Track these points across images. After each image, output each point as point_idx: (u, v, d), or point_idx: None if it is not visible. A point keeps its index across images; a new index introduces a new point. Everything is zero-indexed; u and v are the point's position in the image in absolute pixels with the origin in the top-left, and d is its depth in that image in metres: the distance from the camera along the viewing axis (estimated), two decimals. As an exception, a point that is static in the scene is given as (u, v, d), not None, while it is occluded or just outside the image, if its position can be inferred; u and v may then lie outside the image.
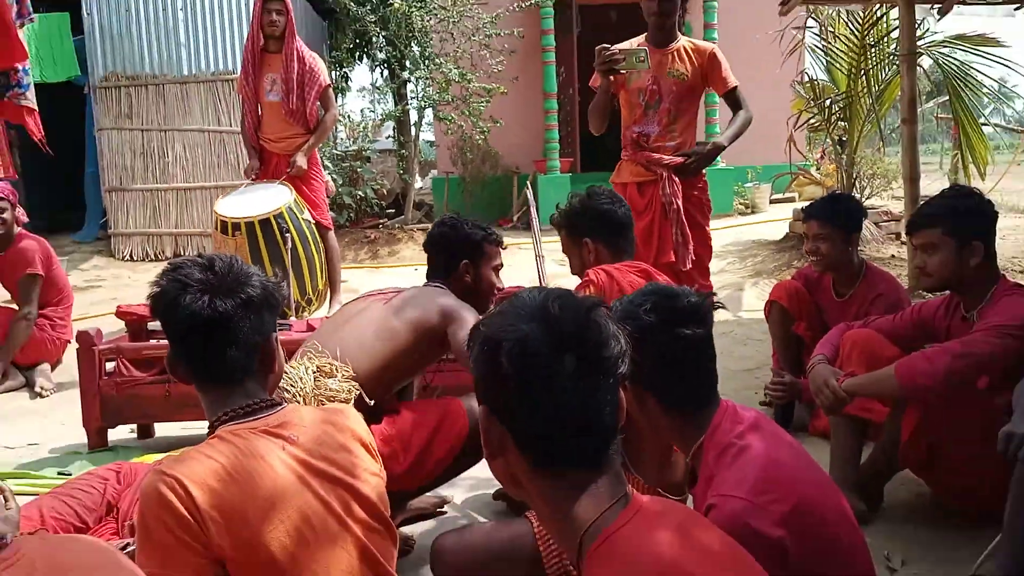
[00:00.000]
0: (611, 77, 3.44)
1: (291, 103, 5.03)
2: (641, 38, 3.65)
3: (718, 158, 9.32)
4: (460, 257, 2.50)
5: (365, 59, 11.02)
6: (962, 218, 2.31)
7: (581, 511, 1.04)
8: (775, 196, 10.28)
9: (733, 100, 3.65)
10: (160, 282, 1.58)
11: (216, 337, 1.53)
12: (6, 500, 1.57)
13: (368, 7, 9.20)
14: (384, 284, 6.34)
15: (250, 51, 5.07)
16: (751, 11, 9.91)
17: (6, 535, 1.11)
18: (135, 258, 7.99)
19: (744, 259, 6.90)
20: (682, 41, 3.60)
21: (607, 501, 1.05)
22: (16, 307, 4.41)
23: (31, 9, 4.37)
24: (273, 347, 1.62)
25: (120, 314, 3.50)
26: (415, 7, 8.92)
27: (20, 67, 4.34)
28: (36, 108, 4.51)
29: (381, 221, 9.35)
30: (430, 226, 8.66)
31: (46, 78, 7.57)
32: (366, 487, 1.61)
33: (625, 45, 3.55)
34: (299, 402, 2.09)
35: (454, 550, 1.99)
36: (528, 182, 9.64)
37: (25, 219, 4.51)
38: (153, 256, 8.03)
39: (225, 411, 1.55)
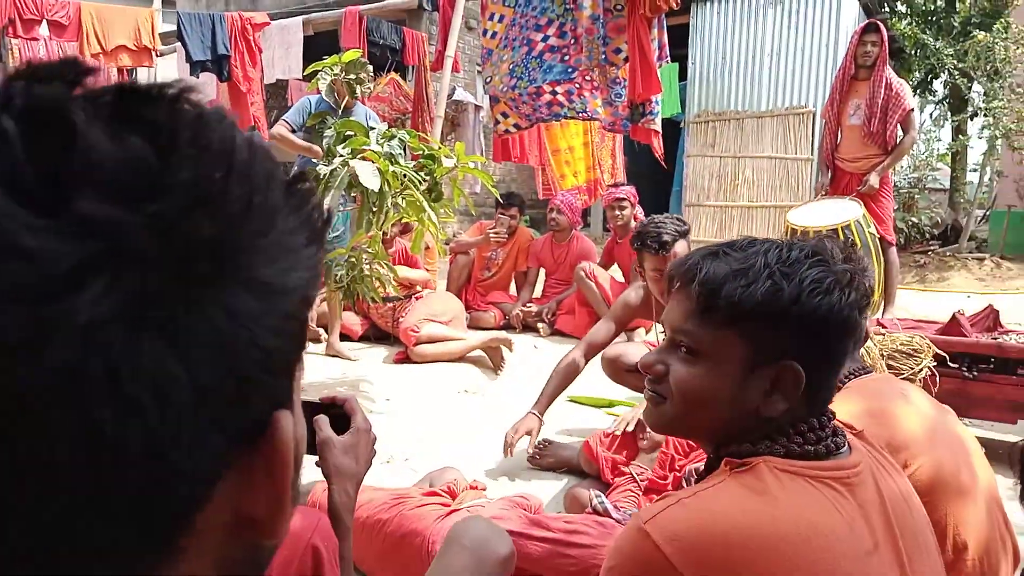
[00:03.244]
0: None
1: (872, 126, 4.72)
2: None
3: None
4: None
5: (920, 96, 9.86)
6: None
7: None
8: None
9: None
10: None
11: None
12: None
13: (945, 41, 8.18)
14: (936, 307, 5.60)
15: (840, 79, 4.89)
16: None
17: None
18: (701, 262, 8.44)
19: None
20: None
21: None
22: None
23: (668, 54, 4.88)
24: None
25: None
26: (999, 37, 7.66)
27: (654, 98, 4.86)
28: (660, 131, 5.01)
29: (931, 248, 8.26)
30: (985, 257, 7.31)
31: (657, 114, 8.41)
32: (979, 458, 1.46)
33: None
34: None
35: None
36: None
37: (643, 218, 5.04)
38: (716, 262, 8.36)
39: (850, 372, 1.59)
